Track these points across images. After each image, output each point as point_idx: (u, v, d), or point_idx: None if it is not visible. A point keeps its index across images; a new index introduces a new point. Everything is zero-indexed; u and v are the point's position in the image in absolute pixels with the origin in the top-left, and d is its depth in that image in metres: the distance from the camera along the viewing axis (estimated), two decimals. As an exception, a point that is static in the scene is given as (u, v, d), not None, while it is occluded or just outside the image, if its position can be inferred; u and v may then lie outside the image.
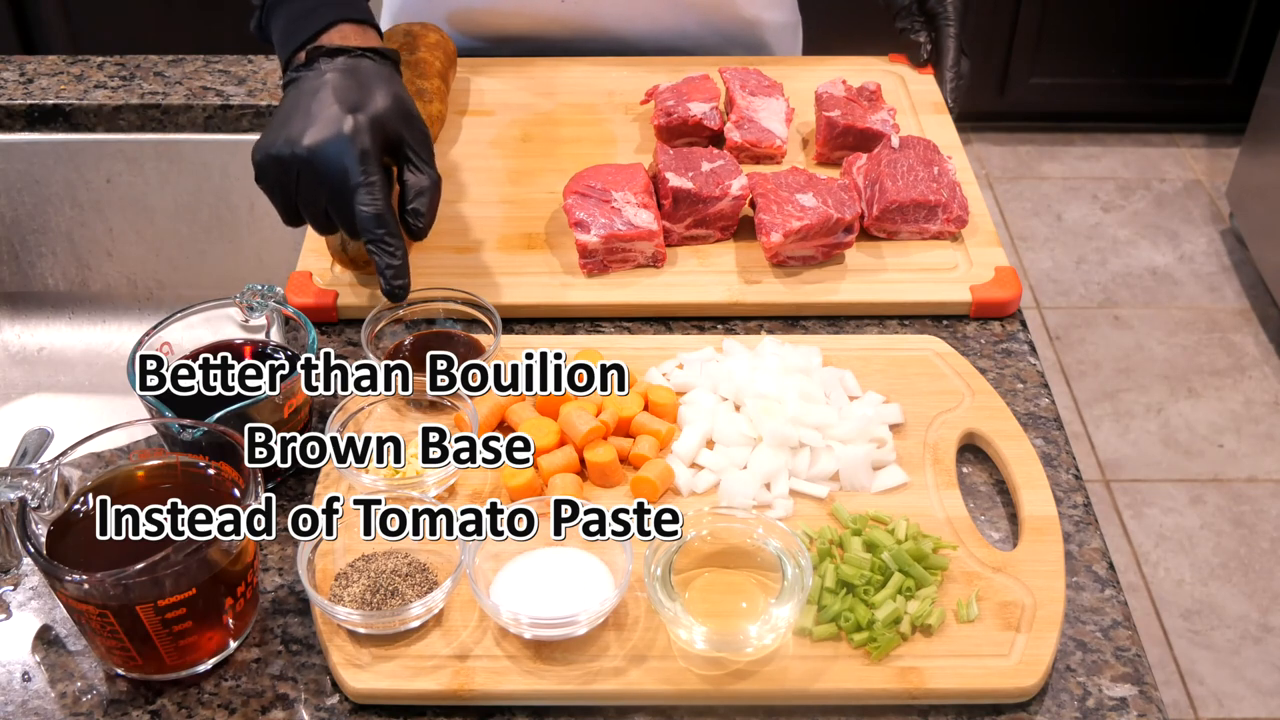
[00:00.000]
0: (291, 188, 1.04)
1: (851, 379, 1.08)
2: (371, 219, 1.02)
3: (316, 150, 1.02)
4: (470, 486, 1.01)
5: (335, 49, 1.08)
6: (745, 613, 0.89)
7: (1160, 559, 2.44)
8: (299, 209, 1.06)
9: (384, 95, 1.06)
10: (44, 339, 1.55)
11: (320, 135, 1.02)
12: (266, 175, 1.05)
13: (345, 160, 1.02)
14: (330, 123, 1.03)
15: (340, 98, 1.04)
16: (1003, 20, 3.21)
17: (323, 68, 1.07)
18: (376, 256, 1.04)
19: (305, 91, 1.06)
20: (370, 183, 1.02)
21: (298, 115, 1.04)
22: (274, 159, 1.04)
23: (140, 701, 0.88)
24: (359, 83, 1.06)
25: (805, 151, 1.38)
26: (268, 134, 1.05)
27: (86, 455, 0.89)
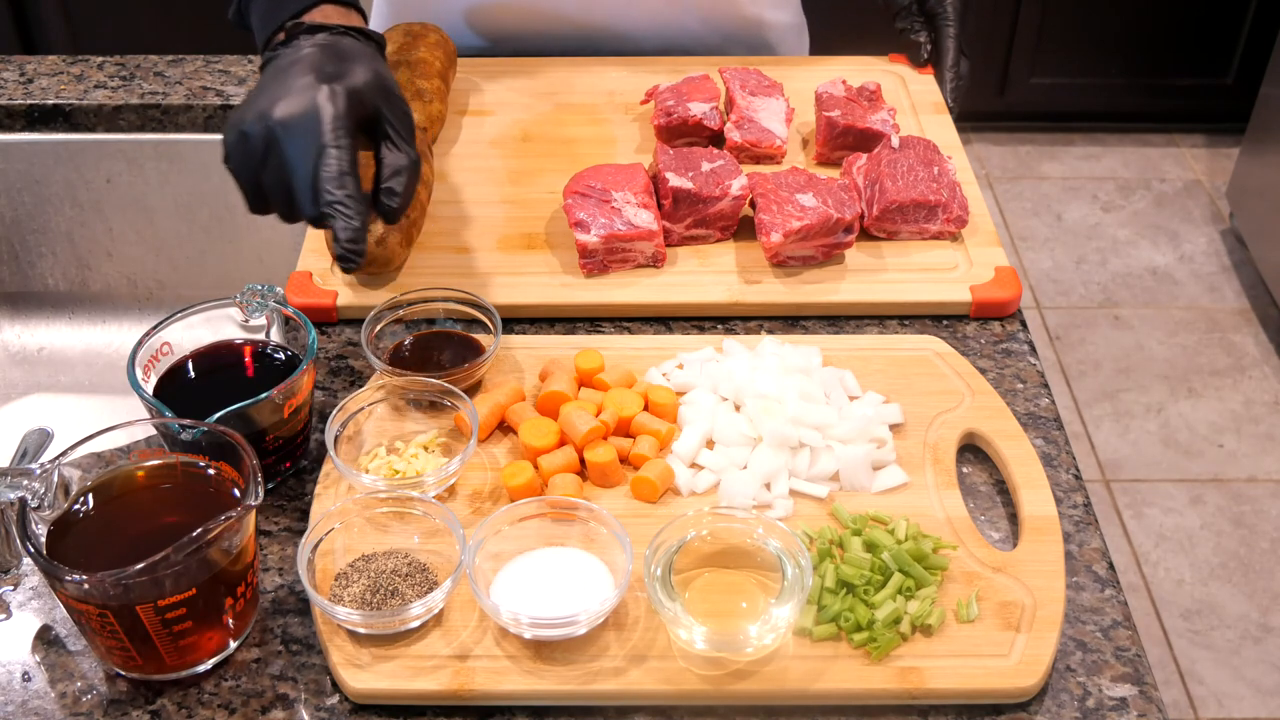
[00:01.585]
0: (258, 164, 0.98)
1: (851, 379, 1.08)
2: (333, 178, 0.96)
3: (288, 121, 0.97)
4: (470, 486, 1.01)
5: (316, 26, 1.04)
6: (745, 613, 0.90)
7: (1160, 559, 2.44)
8: (264, 190, 0.99)
9: (364, 70, 1.01)
10: (44, 339, 1.55)
11: (292, 106, 0.97)
12: (234, 153, 0.99)
13: (316, 124, 0.96)
14: (303, 91, 0.98)
15: (317, 69, 0.99)
16: (1003, 20, 3.21)
17: (301, 44, 1.02)
18: (333, 219, 0.96)
19: (281, 67, 1.01)
20: (339, 145, 0.96)
21: (270, 88, 0.99)
22: (242, 134, 0.98)
23: (140, 701, 0.88)
24: (338, 56, 1.01)
25: (805, 151, 1.38)
26: (238, 110, 1.00)
27: (86, 455, 0.89)
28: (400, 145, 1.03)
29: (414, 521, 0.95)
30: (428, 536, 0.95)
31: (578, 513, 0.94)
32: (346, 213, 0.96)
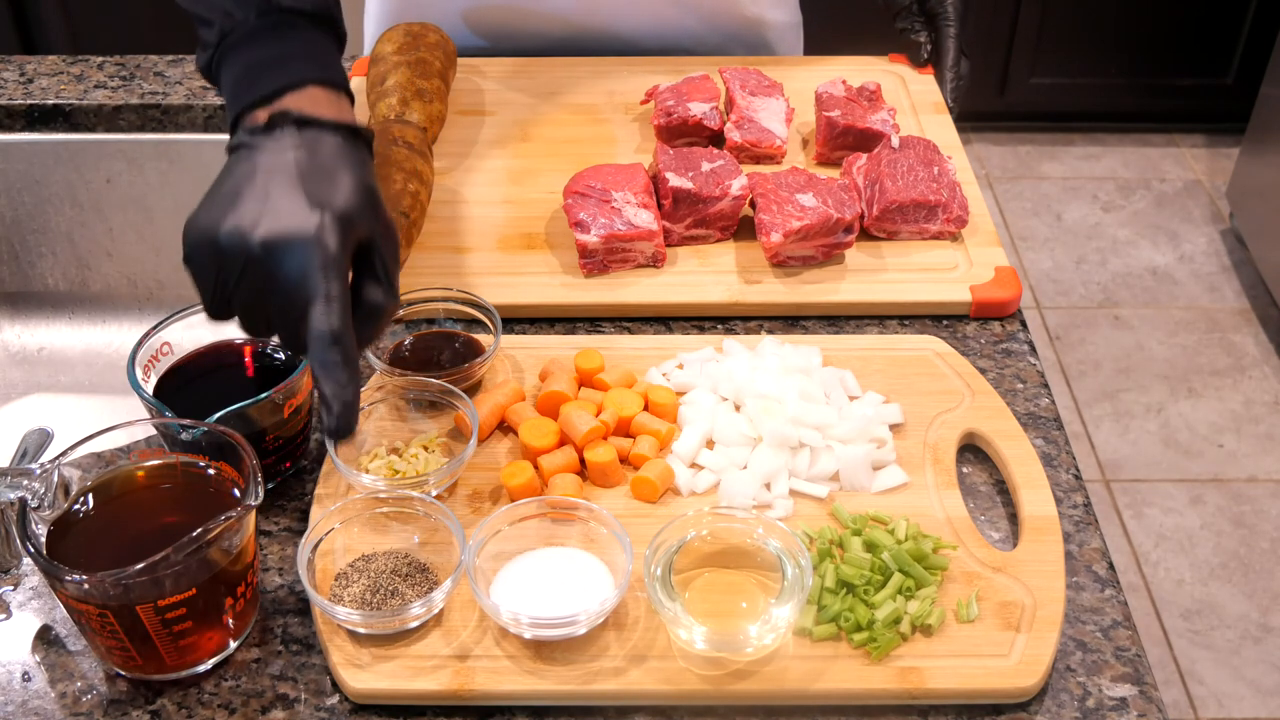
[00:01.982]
0: (229, 282, 0.86)
1: (851, 379, 1.08)
2: (325, 338, 0.83)
3: (272, 248, 0.84)
4: (471, 486, 1.01)
5: (304, 118, 0.89)
6: (745, 613, 0.89)
7: (1160, 559, 2.44)
8: (231, 305, 0.87)
9: (357, 189, 0.88)
10: (44, 339, 1.55)
11: (278, 230, 0.84)
12: (199, 259, 0.86)
13: (306, 266, 0.83)
14: (291, 216, 0.85)
15: (306, 185, 0.86)
16: (1003, 20, 3.21)
17: (285, 140, 0.88)
18: (322, 384, 0.84)
19: (262, 167, 0.87)
20: (330, 296, 0.84)
21: (251, 197, 0.86)
22: (214, 246, 0.85)
23: (140, 701, 0.88)
24: (329, 168, 0.88)
25: (805, 151, 1.38)
26: (208, 209, 0.86)
27: (86, 455, 0.89)
28: (385, 282, 0.90)
29: (414, 521, 0.95)
30: (428, 536, 0.95)
31: (578, 513, 0.94)
32: (340, 379, 0.84)
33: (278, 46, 0.94)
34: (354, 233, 0.87)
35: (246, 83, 0.93)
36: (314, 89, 0.93)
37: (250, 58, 0.94)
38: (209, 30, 0.95)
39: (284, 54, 0.93)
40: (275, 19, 0.94)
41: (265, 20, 0.94)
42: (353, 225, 0.87)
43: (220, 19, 0.95)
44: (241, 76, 0.94)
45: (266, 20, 0.94)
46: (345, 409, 0.85)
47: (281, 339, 0.88)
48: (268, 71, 0.93)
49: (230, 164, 0.89)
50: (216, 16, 0.95)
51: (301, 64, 0.93)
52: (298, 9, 0.95)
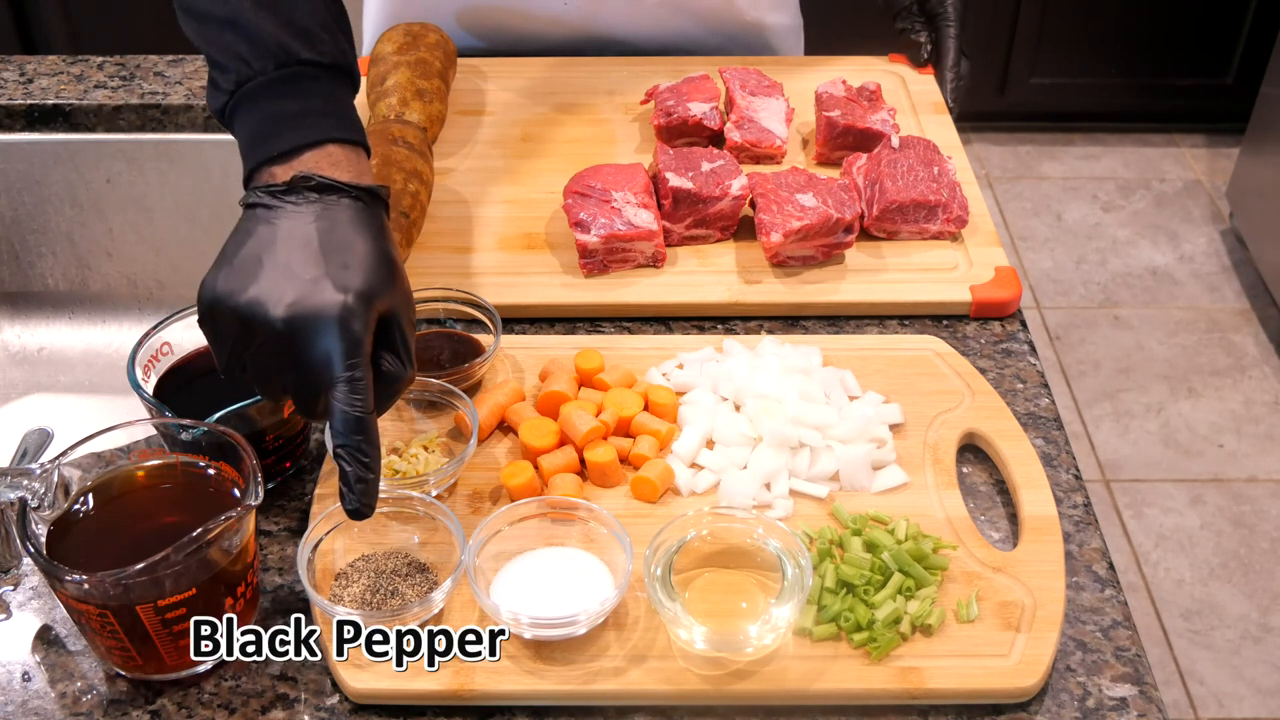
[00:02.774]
0: (245, 350, 0.86)
1: (851, 379, 1.08)
2: (351, 423, 0.83)
3: (296, 326, 0.83)
4: (471, 486, 1.01)
5: (325, 184, 0.88)
6: (745, 613, 0.89)
7: (1160, 559, 2.44)
8: (246, 369, 0.88)
9: (379, 262, 0.87)
10: (44, 339, 1.55)
11: (302, 308, 0.83)
12: (217, 325, 0.86)
13: (329, 347, 0.83)
14: (315, 294, 0.84)
15: (329, 260, 0.85)
16: (1003, 20, 3.21)
17: (305, 208, 0.87)
18: (346, 465, 0.84)
19: (282, 236, 0.86)
20: (354, 379, 0.83)
21: (272, 268, 0.85)
22: (233, 314, 0.85)
23: (140, 701, 0.88)
24: (350, 239, 0.87)
25: (805, 151, 1.38)
26: (226, 274, 0.86)
27: (86, 455, 0.89)
28: (404, 357, 0.89)
29: (414, 521, 0.95)
30: (428, 536, 0.95)
31: (578, 513, 0.94)
32: (364, 461, 0.84)
33: (296, 100, 0.92)
34: (376, 309, 0.86)
35: (264, 137, 0.91)
36: (333, 148, 0.91)
37: (268, 110, 0.91)
38: (224, 76, 0.93)
39: (303, 109, 0.91)
40: (294, 71, 0.92)
41: (284, 72, 0.92)
42: (375, 302, 0.86)
43: (237, 66, 0.92)
44: (258, 130, 0.91)
45: (285, 72, 0.92)
46: (368, 491, 0.85)
47: (297, 406, 0.87)
48: (286, 127, 0.91)
49: (247, 224, 0.88)
50: (233, 63, 0.92)
51: (322, 120, 0.91)
52: (318, 61, 0.93)
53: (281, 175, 0.89)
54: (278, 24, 0.92)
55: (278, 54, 0.92)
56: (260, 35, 0.92)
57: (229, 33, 0.92)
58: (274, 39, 0.92)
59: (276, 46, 0.92)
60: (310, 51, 0.93)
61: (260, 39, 0.92)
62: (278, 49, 0.92)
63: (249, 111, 0.92)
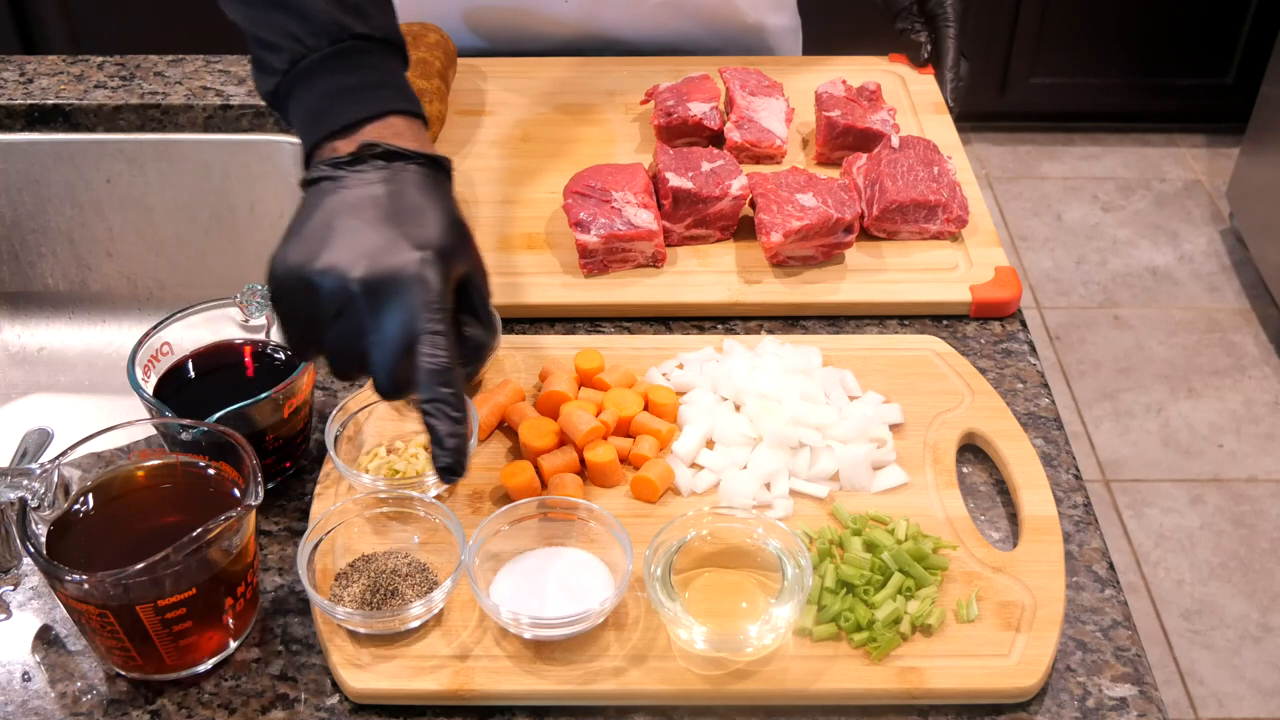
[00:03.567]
0: (323, 322, 0.84)
1: (851, 379, 1.08)
2: (436, 376, 0.81)
3: (374, 287, 0.82)
4: (471, 486, 1.01)
5: (391, 150, 0.87)
6: (745, 613, 0.89)
7: (1160, 559, 2.44)
8: (321, 344, 0.86)
9: (451, 224, 0.86)
10: (44, 339, 1.55)
11: (380, 269, 0.82)
12: (291, 299, 0.84)
13: (410, 305, 0.82)
14: (392, 254, 0.82)
15: (401, 221, 0.84)
16: (1003, 20, 3.21)
17: (372, 174, 0.86)
18: (435, 422, 0.82)
19: (351, 202, 0.85)
20: (436, 332, 0.82)
21: (344, 235, 0.83)
22: (307, 285, 0.83)
23: (140, 701, 0.88)
24: (419, 203, 0.86)
25: (805, 151, 1.38)
26: (297, 246, 0.84)
27: (86, 455, 0.89)
28: (485, 317, 0.88)
29: (414, 521, 0.95)
30: (428, 536, 0.95)
31: (578, 513, 0.94)
32: (453, 414, 0.82)
33: (354, 75, 0.91)
34: (454, 269, 0.85)
35: (323, 112, 0.90)
36: (394, 119, 0.90)
37: (325, 87, 0.91)
38: (275, 56, 0.92)
39: (361, 83, 0.91)
40: (348, 45, 0.92)
41: (338, 47, 0.91)
42: (452, 262, 0.85)
43: (289, 45, 0.91)
44: (316, 106, 0.90)
45: (340, 47, 0.91)
46: (459, 447, 0.83)
47: (376, 378, 0.85)
48: (346, 101, 0.90)
49: (312, 198, 0.87)
50: (285, 42, 0.91)
51: (380, 93, 0.91)
52: (371, 35, 0.93)
53: (344, 149, 0.89)
54: (328, 1, 0.92)
55: (332, 30, 0.91)
56: (312, 12, 0.91)
57: (278, 12, 0.92)
58: (326, 15, 0.91)
59: (330, 22, 0.91)
60: (363, 26, 0.92)
61: (312, 16, 0.91)
62: (331, 25, 0.91)
63: (305, 89, 0.91)
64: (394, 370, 0.83)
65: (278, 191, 1.50)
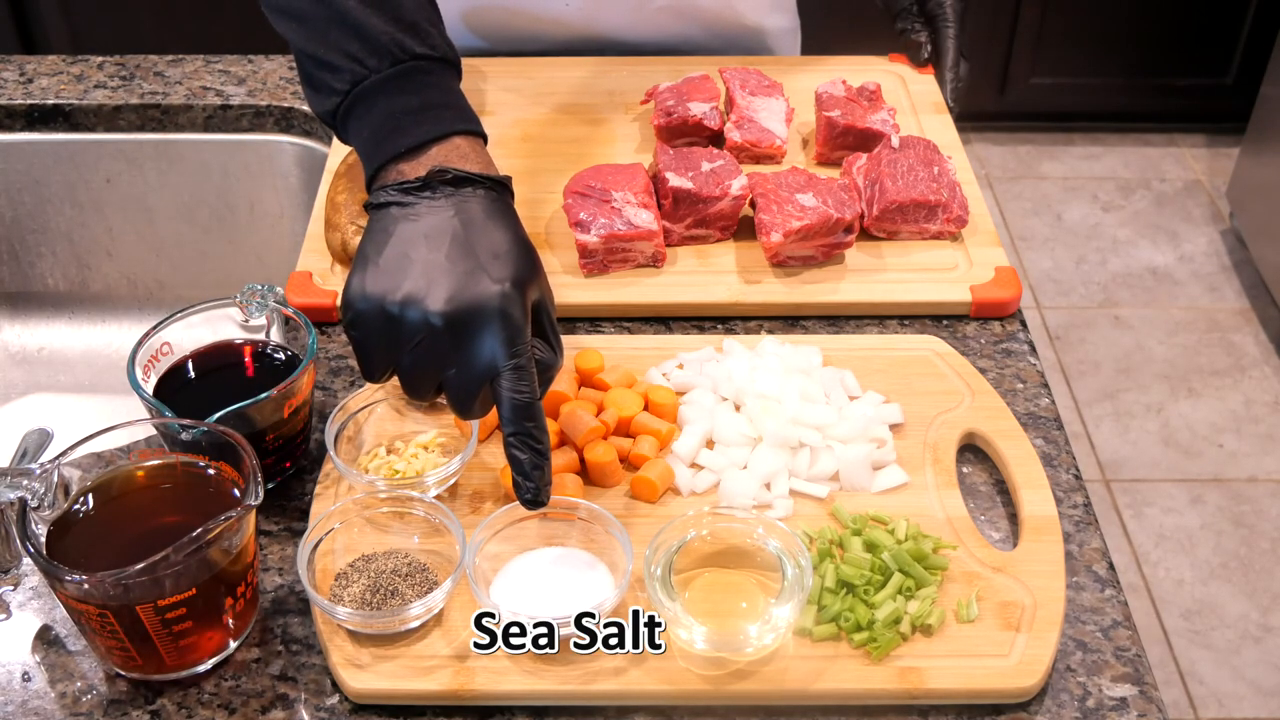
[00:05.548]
0: (401, 352, 0.85)
1: (851, 379, 1.08)
2: (521, 409, 0.84)
3: (457, 319, 0.83)
4: (471, 487, 1.01)
5: (461, 176, 0.88)
6: (745, 613, 0.89)
7: (1160, 559, 2.44)
8: (396, 370, 0.87)
9: (524, 251, 0.88)
10: (44, 339, 1.55)
11: (463, 301, 0.83)
12: (368, 327, 0.85)
13: (494, 337, 0.83)
14: (473, 285, 0.83)
15: (479, 251, 0.85)
16: (1003, 20, 3.21)
17: (443, 201, 0.87)
18: (520, 454, 0.85)
19: (427, 231, 0.85)
20: (519, 367, 0.84)
21: (422, 265, 0.84)
22: (385, 316, 0.84)
23: (140, 701, 0.88)
24: (493, 230, 0.87)
25: (805, 151, 1.38)
26: (373, 275, 0.85)
27: (86, 455, 0.89)
28: (554, 342, 0.90)
29: (414, 521, 0.95)
30: (428, 536, 0.95)
31: (578, 513, 0.94)
32: (537, 448, 0.85)
33: (416, 96, 0.91)
34: (529, 298, 0.86)
35: (388, 134, 0.90)
36: (458, 139, 0.91)
37: (388, 108, 0.91)
38: (335, 76, 0.92)
39: (424, 104, 0.91)
40: (409, 66, 0.92)
41: (399, 68, 0.92)
42: (528, 290, 0.86)
43: (350, 66, 0.91)
44: (380, 127, 0.91)
45: (401, 68, 0.92)
46: (544, 478, 0.86)
47: (454, 402, 0.87)
48: (410, 123, 0.90)
49: (384, 224, 0.87)
50: (345, 63, 0.92)
51: (444, 113, 0.91)
52: (431, 55, 0.93)
53: (411, 171, 0.89)
54: (387, 20, 0.92)
55: (393, 50, 0.91)
56: (372, 32, 0.91)
57: (336, 31, 0.92)
58: (387, 35, 0.91)
59: (391, 43, 0.91)
60: (423, 46, 0.92)
61: (372, 36, 0.91)
62: (392, 45, 0.91)
63: (367, 110, 0.92)
64: (471, 401, 0.86)
65: (278, 191, 1.50)
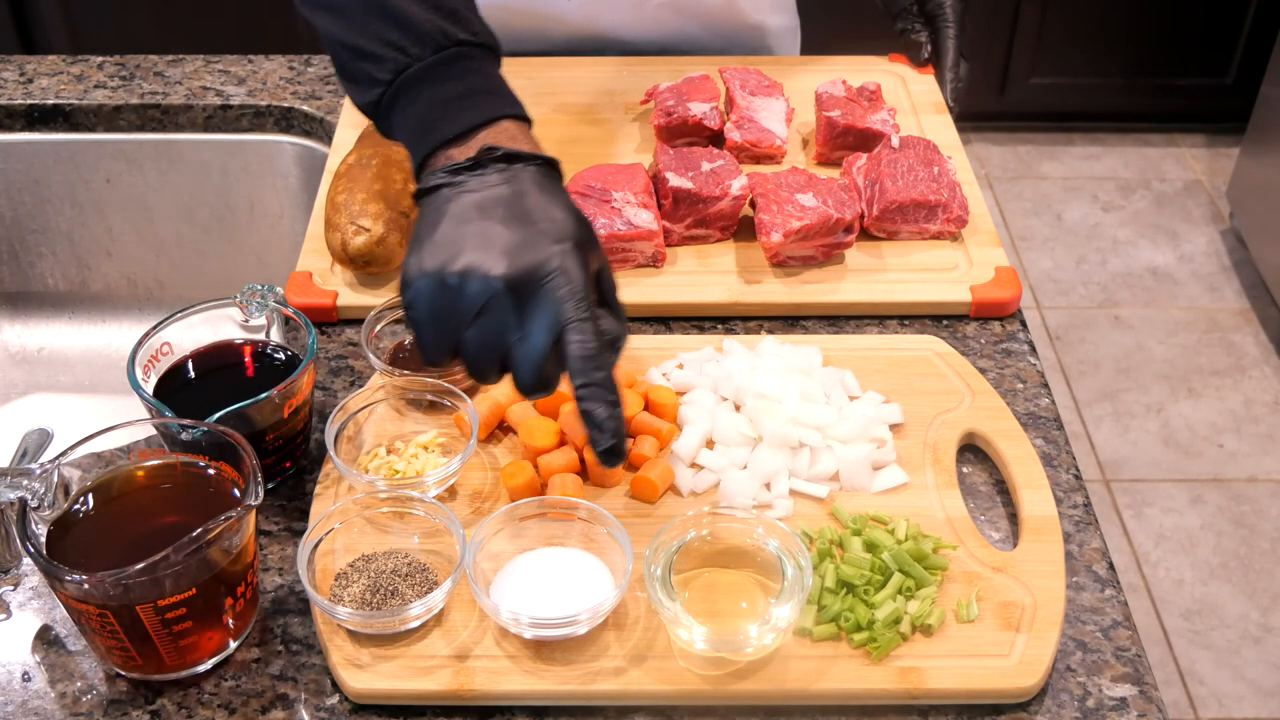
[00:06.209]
0: (463, 325, 0.83)
1: (851, 379, 1.08)
2: (588, 360, 0.81)
3: (518, 283, 0.81)
4: (470, 487, 1.01)
5: (511, 153, 0.87)
6: (745, 613, 0.89)
7: (1160, 559, 2.44)
8: (460, 348, 0.85)
9: (579, 217, 0.86)
10: (44, 339, 1.55)
11: (524, 262, 0.82)
12: (429, 304, 0.84)
13: (556, 297, 0.82)
14: (533, 246, 0.82)
15: (534, 217, 0.84)
16: (1003, 20, 3.21)
17: (493, 177, 0.86)
18: (592, 408, 0.82)
19: (480, 204, 0.84)
20: (584, 319, 0.82)
21: (478, 234, 0.83)
22: (446, 289, 0.82)
23: (140, 701, 0.88)
24: (546, 201, 0.86)
25: (805, 151, 1.38)
26: (431, 254, 0.83)
27: (86, 455, 0.89)
28: (616, 308, 0.88)
29: (414, 521, 0.95)
30: (428, 536, 0.95)
31: (578, 513, 0.94)
32: (611, 397, 0.82)
33: (460, 82, 0.91)
34: (591, 263, 0.85)
35: (435, 121, 0.90)
36: (506, 123, 0.90)
37: (433, 96, 0.90)
38: (377, 66, 0.92)
39: (469, 89, 0.91)
40: (453, 53, 0.92)
41: (442, 55, 0.91)
42: (588, 254, 0.85)
43: (393, 55, 0.91)
44: (427, 115, 0.90)
45: (444, 55, 0.91)
46: (618, 430, 0.83)
47: (519, 375, 0.84)
48: (457, 109, 0.90)
49: (435, 205, 0.86)
50: (387, 52, 0.91)
51: (490, 99, 0.91)
52: (471, 41, 0.93)
53: (459, 156, 0.89)
54: (427, 8, 0.91)
55: (436, 38, 0.91)
56: (413, 21, 0.91)
57: (377, 21, 0.91)
58: (430, 23, 0.91)
59: (434, 30, 0.91)
60: (465, 32, 0.92)
61: (414, 25, 0.91)
62: (435, 32, 0.91)
63: (412, 99, 0.91)
64: (539, 369, 0.83)
65: (278, 191, 1.50)
